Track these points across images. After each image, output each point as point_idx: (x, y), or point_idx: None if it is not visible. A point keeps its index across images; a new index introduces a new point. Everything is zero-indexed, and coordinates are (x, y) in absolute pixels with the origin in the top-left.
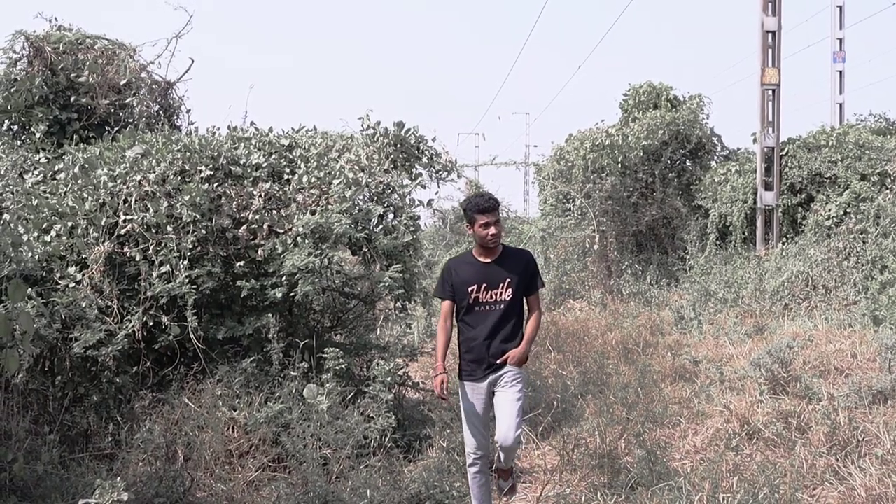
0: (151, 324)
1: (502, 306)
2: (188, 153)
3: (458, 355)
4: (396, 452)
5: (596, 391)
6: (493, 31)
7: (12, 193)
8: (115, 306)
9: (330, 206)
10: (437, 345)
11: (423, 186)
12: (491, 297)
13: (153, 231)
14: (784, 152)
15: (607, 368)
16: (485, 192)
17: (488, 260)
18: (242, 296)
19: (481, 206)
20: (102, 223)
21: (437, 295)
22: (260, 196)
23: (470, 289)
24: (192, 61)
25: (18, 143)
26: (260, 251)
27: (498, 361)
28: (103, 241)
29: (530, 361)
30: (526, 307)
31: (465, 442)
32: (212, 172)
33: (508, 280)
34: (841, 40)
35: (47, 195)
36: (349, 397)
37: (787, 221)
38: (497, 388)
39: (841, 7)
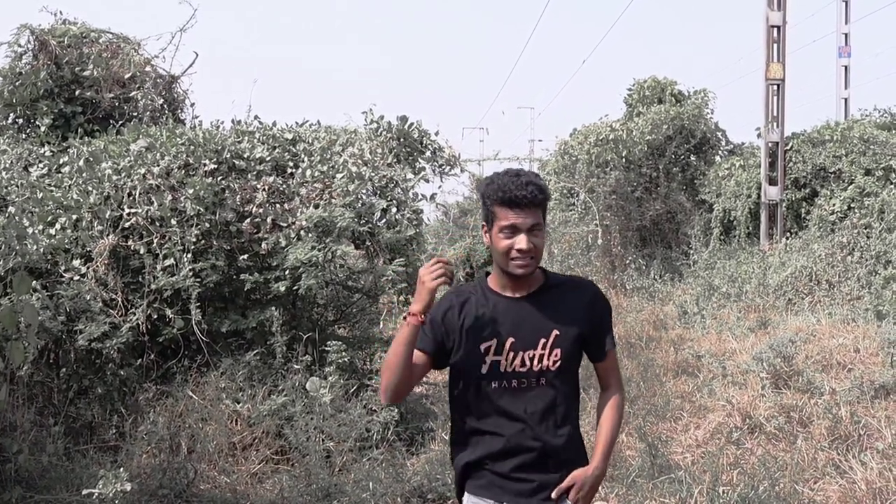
0: (155, 316)
1: (543, 382)
2: (192, 147)
3: (454, 464)
4: (399, 445)
5: (598, 385)
6: (498, 25)
7: (17, 186)
8: (119, 299)
9: (333, 200)
10: (386, 363)
11: (427, 181)
12: (523, 363)
13: (157, 224)
14: (788, 147)
15: None
16: (522, 170)
17: (518, 294)
18: (246, 289)
19: (510, 193)
20: (107, 216)
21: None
22: (263, 190)
23: (485, 346)
24: (197, 55)
25: (23, 136)
26: (263, 245)
27: (553, 496)
28: (108, 235)
29: None
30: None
31: None
32: (216, 166)
33: (556, 333)
34: (846, 35)
35: (52, 188)
36: (352, 390)
37: (791, 216)
38: None
39: (846, 1)
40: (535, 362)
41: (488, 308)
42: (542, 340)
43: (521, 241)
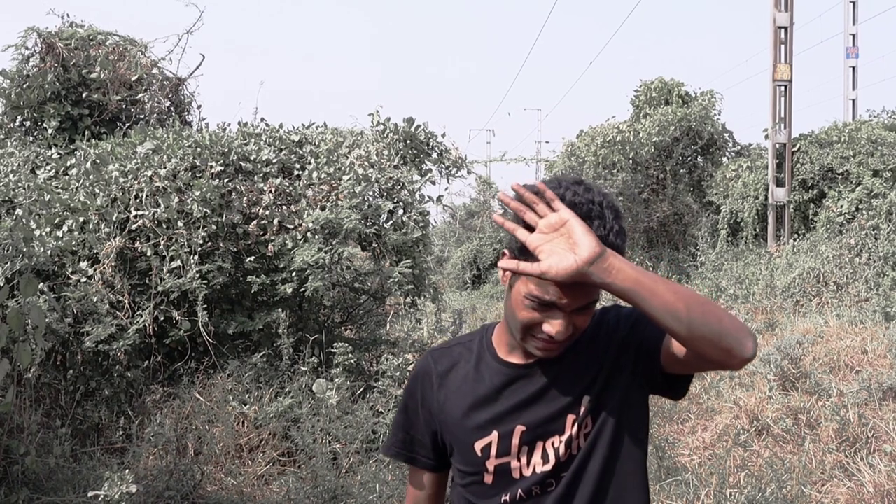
0: (162, 318)
1: (577, 486)
2: (199, 149)
3: None
4: None
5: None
6: (505, 27)
7: (24, 189)
8: (126, 301)
9: (340, 202)
10: None
11: (433, 182)
12: (545, 457)
13: (164, 226)
14: (796, 148)
15: None
16: (603, 207)
17: (530, 360)
18: (253, 291)
19: None
20: (114, 218)
21: (388, 452)
22: (270, 192)
23: (482, 444)
24: (203, 57)
25: (31, 138)
26: (270, 247)
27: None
28: (115, 237)
29: None
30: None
31: None
32: (222, 168)
33: (588, 399)
34: (854, 36)
35: (59, 190)
36: (358, 392)
37: (799, 217)
38: None
39: (854, 2)
40: (563, 451)
41: (482, 383)
42: (571, 418)
43: (555, 324)
